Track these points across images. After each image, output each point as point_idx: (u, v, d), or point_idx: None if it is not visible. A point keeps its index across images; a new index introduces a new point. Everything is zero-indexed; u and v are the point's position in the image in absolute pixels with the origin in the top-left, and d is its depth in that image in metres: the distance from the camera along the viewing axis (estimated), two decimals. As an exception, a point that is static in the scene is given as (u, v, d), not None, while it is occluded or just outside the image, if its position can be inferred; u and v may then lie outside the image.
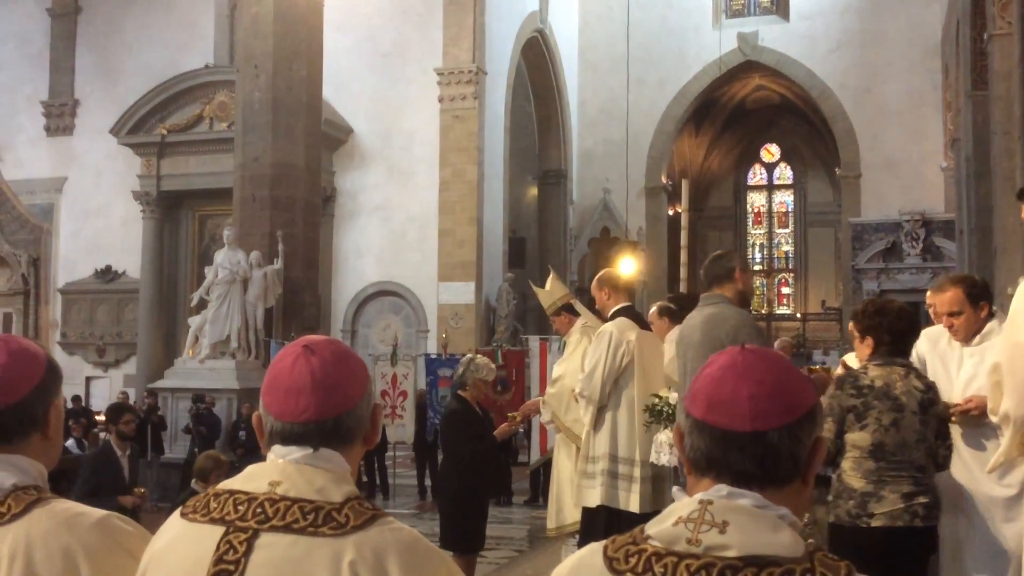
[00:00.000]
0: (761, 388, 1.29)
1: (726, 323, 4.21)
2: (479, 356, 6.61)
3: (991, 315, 3.86)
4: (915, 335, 3.94)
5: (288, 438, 1.49)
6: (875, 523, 3.66)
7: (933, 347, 4.07)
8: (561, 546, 6.19)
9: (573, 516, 5.84)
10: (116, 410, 7.20)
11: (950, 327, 3.86)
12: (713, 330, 4.20)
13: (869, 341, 3.86)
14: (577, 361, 5.99)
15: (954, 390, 3.88)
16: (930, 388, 3.76)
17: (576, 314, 6.26)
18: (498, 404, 13.41)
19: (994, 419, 3.43)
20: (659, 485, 5.35)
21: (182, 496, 5.56)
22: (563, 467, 6.08)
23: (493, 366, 6.51)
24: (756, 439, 1.28)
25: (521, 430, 11.80)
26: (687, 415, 1.35)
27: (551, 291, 6.34)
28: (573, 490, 5.76)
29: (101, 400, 18.98)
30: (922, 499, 3.69)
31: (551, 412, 6.14)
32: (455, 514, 5.88)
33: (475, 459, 5.86)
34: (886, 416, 3.67)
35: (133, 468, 6.79)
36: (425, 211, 19.81)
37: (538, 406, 6.34)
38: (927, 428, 3.72)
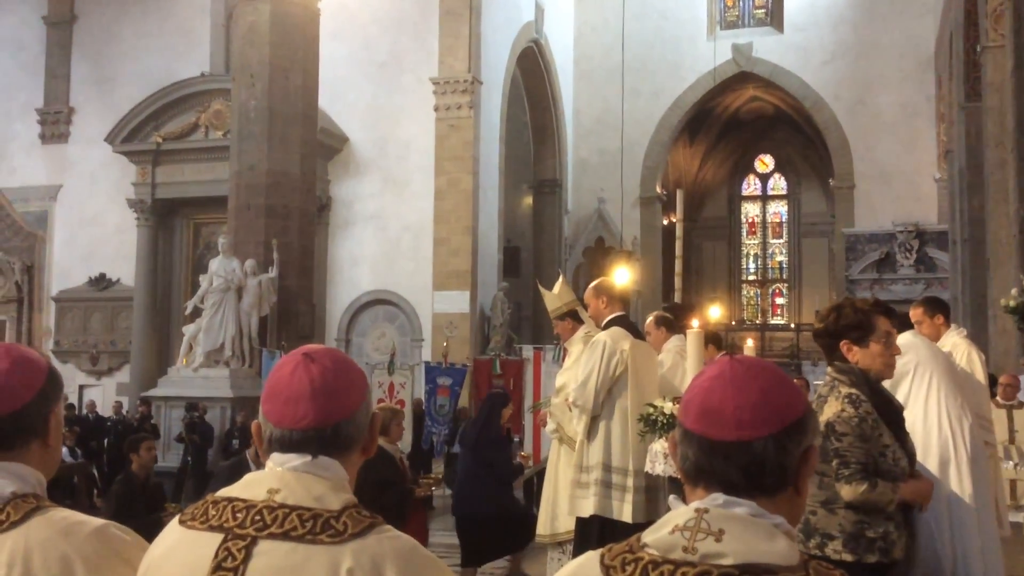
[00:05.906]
0: (747, 398, 1.31)
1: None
2: None
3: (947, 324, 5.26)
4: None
5: (287, 445, 1.50)
6: None
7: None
8: (551, 554, 6.15)
9: (567, 524, 5.82)
10: None
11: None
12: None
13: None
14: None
15: None
16: (855, 403, 3.08)
17: (580, 321, 6.24)
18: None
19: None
20: (653, 495, 5.34)
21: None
22: (562, 474, 6.05)
23: None
24: (741, 448, 1.29)
25: (516, 439, 11.81)
26: (679, 425, 1.36)
27: (559, 295, 6.32)
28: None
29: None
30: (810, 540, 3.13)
31: (556, 422, 6.11)
32: None
33: None
34: None
35: None
36: (420, 220, 19.79)
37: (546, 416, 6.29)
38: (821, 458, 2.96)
